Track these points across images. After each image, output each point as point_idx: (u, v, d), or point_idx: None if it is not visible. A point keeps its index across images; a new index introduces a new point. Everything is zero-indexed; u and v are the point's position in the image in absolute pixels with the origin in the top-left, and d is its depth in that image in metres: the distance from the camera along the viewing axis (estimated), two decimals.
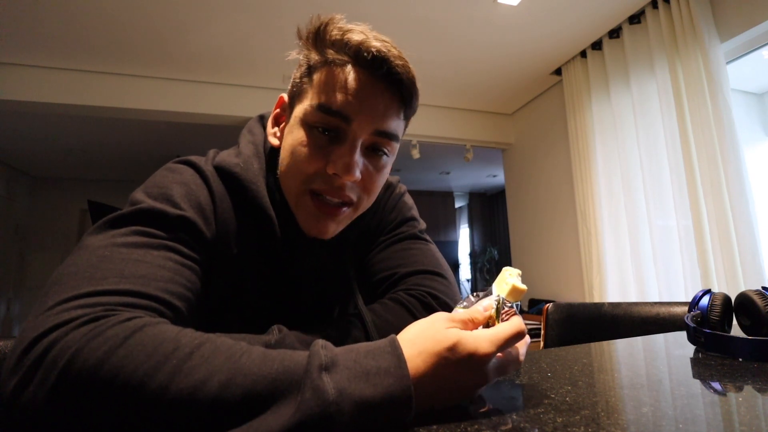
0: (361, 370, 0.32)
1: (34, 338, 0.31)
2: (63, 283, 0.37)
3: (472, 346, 0.36)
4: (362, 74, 0.51)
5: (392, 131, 0.54)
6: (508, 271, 0.46)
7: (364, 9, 2.28)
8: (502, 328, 0.39)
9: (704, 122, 1.99)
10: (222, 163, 0.56)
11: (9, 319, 4.89)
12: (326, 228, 0.55)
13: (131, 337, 0.32)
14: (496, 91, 3.44)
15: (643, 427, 0.33)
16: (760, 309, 0.57)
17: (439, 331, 0.37)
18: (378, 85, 0.51)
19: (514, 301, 0.44)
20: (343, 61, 0.51)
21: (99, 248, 0.41)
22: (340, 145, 0.51)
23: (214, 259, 0.52)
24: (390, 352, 0.34)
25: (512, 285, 0.44)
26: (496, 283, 0.46)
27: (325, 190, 0.52)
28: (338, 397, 0.29)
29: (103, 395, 0.29)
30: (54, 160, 4.75)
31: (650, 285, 2.32)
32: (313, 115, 0.51)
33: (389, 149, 0.55)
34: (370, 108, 0.51)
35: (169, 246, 0.45)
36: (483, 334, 0.37)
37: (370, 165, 0.54)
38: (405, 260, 0.64)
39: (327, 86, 0.51)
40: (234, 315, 0.59)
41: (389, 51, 0.50)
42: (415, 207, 0.74)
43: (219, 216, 0.53)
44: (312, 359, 0.32)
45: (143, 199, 0.48)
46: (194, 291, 0.46)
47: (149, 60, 2.77)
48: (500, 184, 6.54)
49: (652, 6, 2.31)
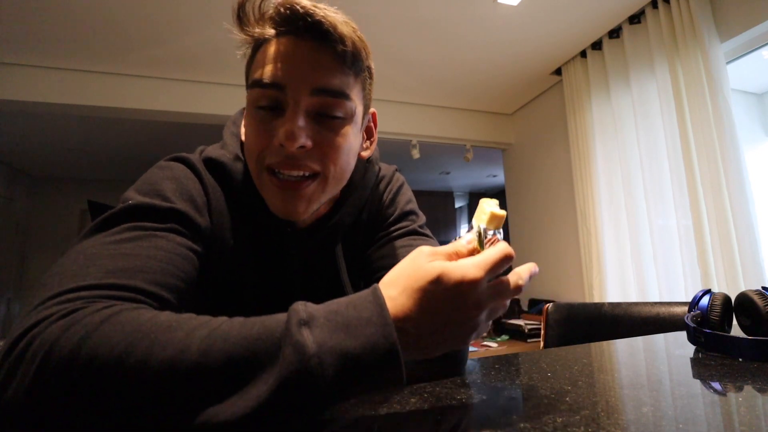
0: (342, 321, 0.31)
1: (15, 338, 0.31)
2: (48, 284, 0.37)
3: (459, 274, 0.33)
4: (286, 39, 0.50)
5: (334, 88, 0.50)
6: (485, 203, 0.44)
7: (364, 9, 2.28)
8: (488, 252, 0.36)
9: (704, 122, 1.99)
10: (208, 155, 0.56)
11: (9, 319, 4.89)
12: (294, 207, 0.52)
13: (107, 320, 0.31)
14: (496, 91, 3.44)
15: (643, 427, 0.33)
16: (760, 309, 0.57)
17: (420, 266, 0.34)
18: (303, 44, 0.49)
19: (495, 228, 0.42)
20: (268, 35, 0.50)
21: (87, 248, 0.41)
22: (282, 116, 0.50)
23: (210, 251, 0.52)
24: (371, 301, 0.32)
25: (490, 213, 0.42)
26: (475, 217, 0.43)
27: (278, 163, 0.50)
28: (318, 350, 0.28)
29: (83, 381, 0.29)
30: (54, 160, 4.75)
31: (650, 285, 2.32)
32: (252, 95, 0.51)
33: (341, 109, 0.52)
34: (301, 69, 0.49)
35: (159, 235, 0.44)
36: (468, 260, 0.35)
37: (323, 129, 0.51)
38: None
39: (257, 63, 0.51)
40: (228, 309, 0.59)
41: (306, 6, 0.48)
42: (413, 199, 0.72)
43: (213, 208, 0.53)
44: (291, 316, 0.31)
45: (133, 196, 0.47)
46: (187, 280, 0.45)
47: (149, 60, 2.76)
48: (500, 184, 6.54)
49: (652, 6, 2.31)
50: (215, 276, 0.55)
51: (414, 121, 3.52)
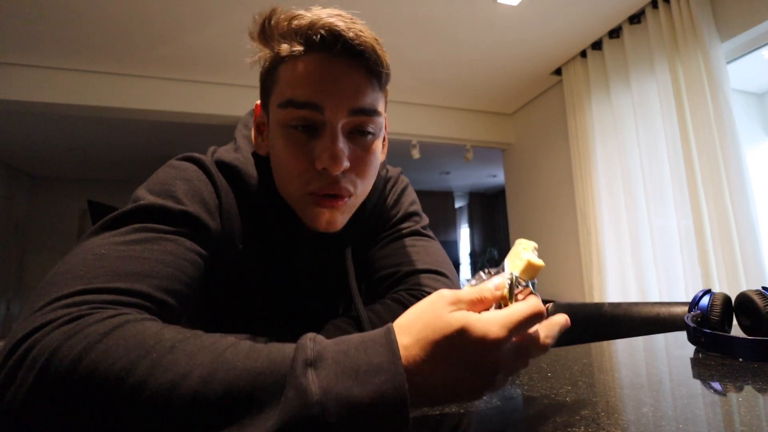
0: (351, 365, 0.29)
1: (18, 340, 0.31)
2: (54, 283, 0.36)
3: (481, 331, 0.30)
4: (320, 58, 0.48)
5: (369, 106, 0.51)
6: (522, 245, 0.39)
7: (364, 9, 2.28)
8: (516, 309, 0.33)
9: (704, 122, 1.99)
10: (221, 158, 0.55)
11: (9, 319, 4.89)
12: (334, 221, 0.53)
13: (111, 333, 0.31)
14: (496, 91, 3.44)
15: (643, 427, 0.33)
16: (760, 309, 0.57)
17: (440, 316, 0.31)
18: (338, 63, 0.48)
19: (530, 279, 0.37)
20: (298, 51, 0.48)
21: (96, 247, 0.40)
22: (320, 138, 0.49)
23: (219, 254, 0.52)
24: (384, 345, 0.30)
25: (527, 261, 0.36)
26: (509, 258, 0.38)
27: (322, 188, 0.50)
28: (323, 397, 0.27)
29: (81, 393, 0.28)
30: (54, 160, 4.75)
31: (650, 285, 2.32)
32: (285, 114, 0.50)
33: (373, 126, 0.52)
34: (338, 89, 0.48)
35: (169, 239, 0.44)
36: (493, 315, 0.32)
37: (357, 148, 0.52)
38: (407, 258, 0.63)
39: (289, 81, 0.49)
40: (237, 313, 0.59)
41: (338, 25, 0.47)
42: (417, 201, 0.72)
43: (224, 211, 0.53)
44: (298, 353, 0.29)
45: (145, 196, 0.47)
46: (193, 286, 0.45)
47: (149, 60, 2.77)
48: (500, 184, 6.54)
49: (652, 6, 2.31)
50: (224, 279, 0.54)
51: (414, 121, 3.52)
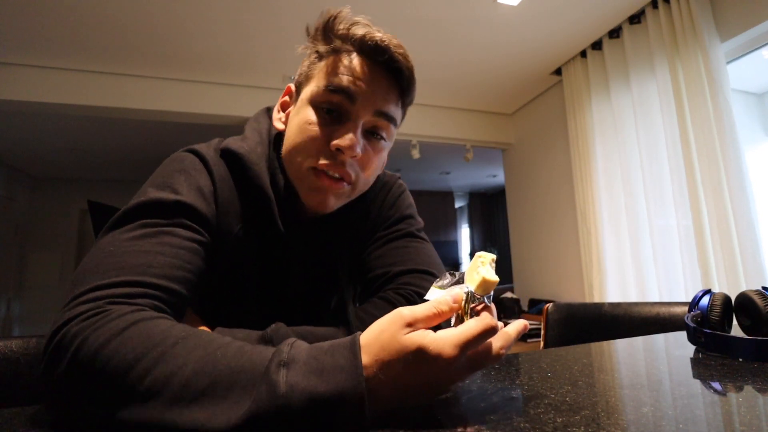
0: (318, 366, 0.33)
1: (53, 331, 0.38)
2: (77, 281, 0.43)
3: (434, 352, 0.34)
4: (366, 61, 0.57)
5: (391, 114, 0.59)
6: (480, 258, 0.40)
7: (364, 9, 2.27)
8: (468, 327, 0.35)
9: (704, 122, 1.99)
10: (227, 146, 0.61)
11: (9, 319, 4.89)
12: (327, 201, 0.58)
13: (128, 329, 0.37)
14: (496, 91, 3.44)
15: (643, 427, 0.33)
16: (760, 309, 0.57)
17: (395, 338, 0.34)
18: (379, 70, 0.57)
19: (484, 294, 0.39)
20: (349, 50, 0.57)
21: (106, 245, 0.46)
22: (343, 124, 0.56)
23: (217, 238, 0.56)
24: (348, 349, 0.35)
25: (482, 277, 0.38)
26: (468, 272, 0.40)
27: (328, 165, 0.56)
28: (289, 390, 0.31)
29: (101, 374, 0.35)
30: (54, 160, 4.75)
31: (650, 285, 2.32)
32: (321, 95, 0.56)
33: (387, 133, 0.60)
34: (372, 90, 0.56)
35: (166, 231, 0.49)
36: (446, 336, 0.34)
37: (369, 146, 0.58)
38: (399, 258, 0.66)
39: (334, 70, 0.57)
40: (232, 301, 0.62)
41: (390, 41, 0.56)
42: (413, 205, 0.76)
43: (219, 197, 0.57)
44: (275, 356, 0.34)
45: (146, 191, 0.52)
46: (195, 271, 0.50)
47: (149, 60, 2.77)
48: (500, 184, 6.54)
49: (652, 6, 2.31)
50: (220, 262, 0.58)
51: (414, 121, 3.52)
